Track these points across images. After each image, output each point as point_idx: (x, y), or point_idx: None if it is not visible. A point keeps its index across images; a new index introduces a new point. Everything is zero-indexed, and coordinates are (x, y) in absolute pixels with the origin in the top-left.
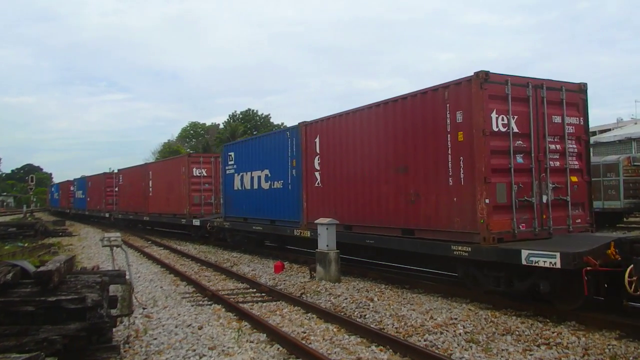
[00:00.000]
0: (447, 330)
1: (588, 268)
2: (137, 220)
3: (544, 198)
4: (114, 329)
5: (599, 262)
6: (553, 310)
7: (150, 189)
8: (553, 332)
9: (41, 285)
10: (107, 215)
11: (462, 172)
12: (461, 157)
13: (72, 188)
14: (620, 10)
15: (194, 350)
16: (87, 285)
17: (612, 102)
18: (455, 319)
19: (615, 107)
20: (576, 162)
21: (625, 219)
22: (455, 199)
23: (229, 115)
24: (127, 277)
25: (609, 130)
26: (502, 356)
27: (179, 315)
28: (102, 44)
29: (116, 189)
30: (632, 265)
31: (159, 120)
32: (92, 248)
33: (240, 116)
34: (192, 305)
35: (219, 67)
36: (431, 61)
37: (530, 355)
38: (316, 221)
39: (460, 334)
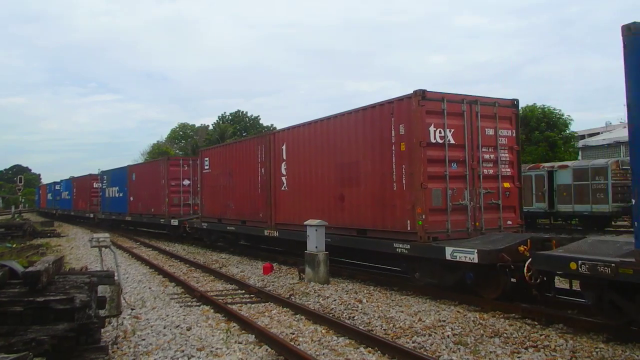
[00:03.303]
0: (435, 332)
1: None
2: (250, 236)
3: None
4: (102, 330)
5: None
6: (541, 312)
7: (284, 180)
8: (541, 335)
9: (29, 286)
10: (174, 222)
11: None
12: None
13: (97, 185)
14: (610, 14)
15: (183, 351)
16: (76, 285)
17: (601, 106)
18: (444, 321)
19: (604, 111)
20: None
21: (613, 223)
22: None
23: (219, 116)
24: (115, 277)
25: (598, 134)
26: (490, 358)
27: (167, 316)
28: (92, 45)
29: (185, 183)
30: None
31: (148, 121)
32: (80, 249)
33: (230, 117)
34: (181, 306)
35: (209, 68)
36: (423, 64)
37: (518, 357)
38: (305, 222)
39: (448, 336)
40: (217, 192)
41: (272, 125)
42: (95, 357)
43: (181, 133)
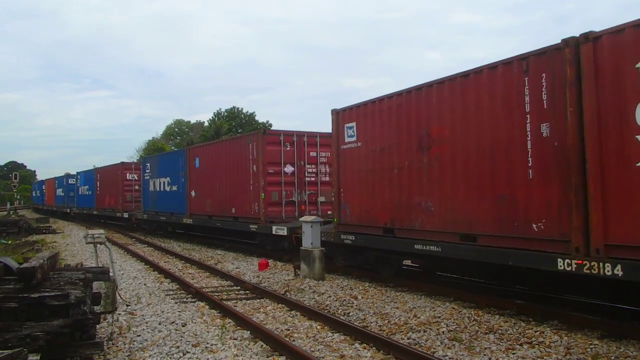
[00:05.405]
0: (430, 329)
1: None
2: (493, 268)
3: None
4: (97, 326)
5: None
6: (536, 309)
7: None
8: (536, 331)
9: (24, 282)
10: (279, 231)
11: None
12: None
13: (131, 176)
14: (606, 12)
15: (178, 347)
16: (71, 282)
17: None
18: (439, 317)
19: None
20: None
21: None
22: None
23: (214, 113)
24: (110, 274)
25: None
26: (484, 355)
27: (162, 312)
28: (86, 41)
29: (287, 170)
30: None
31: (143, 117)
32: (75, 245)
33: (225, 114)
34: (176, 303)
35: (204, 65)
36: (417, 60)
37: (513, 354)
38: (301, 219)
39: (443, 332)
40: (379, 181)
41: (267, 121)
42: (90, 353)
43: (176, 130)
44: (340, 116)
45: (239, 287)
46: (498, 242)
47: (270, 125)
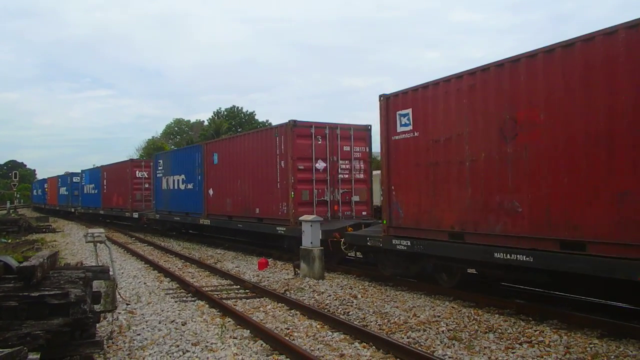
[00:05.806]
0: (430, 328)
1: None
2: None
3: None
4: (97, 325)
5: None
6: (536, 308)
7: None
8: (535, 331)
9: (24, 281)
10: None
11: None
12: None
13: (141, 173)
14: (605, 11)
15: (178, 346)
16: (71, 280)
17: None
18: (438, 316)
19: None
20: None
21: None
22: None
23: (214, 112)
24: (110, 273)
25: None
26: (484, 354)
27: (162, 311)
28: (85, 40)
29: (318, 166)
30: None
31: (143, 117)
32: (75, 244)
33: (225, 113)
34: (176, 301)
35: (203, 64)
36: (417, 60)
37: (513, 353)
38: (300, 218)
39: (443, 331)
40: (444, 177)
41: (267, 120)
42: (90, 351)
43: (176, 129)
44: (391, 102)
45: (238, 286)
46: (619, 251)
47: (270, 123)
